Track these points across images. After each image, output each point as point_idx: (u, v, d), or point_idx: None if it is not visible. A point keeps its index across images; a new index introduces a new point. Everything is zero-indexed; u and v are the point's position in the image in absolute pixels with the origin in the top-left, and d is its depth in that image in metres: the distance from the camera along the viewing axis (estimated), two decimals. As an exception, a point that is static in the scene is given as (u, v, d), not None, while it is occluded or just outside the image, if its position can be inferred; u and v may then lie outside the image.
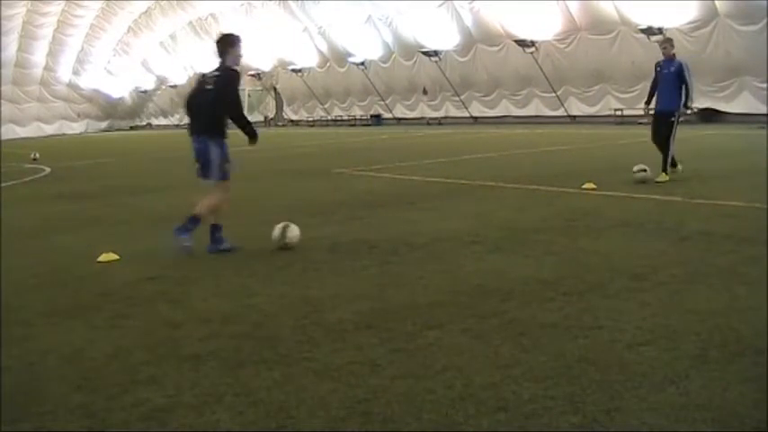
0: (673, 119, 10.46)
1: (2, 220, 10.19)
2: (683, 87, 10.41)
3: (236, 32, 7.52)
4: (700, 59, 24.91)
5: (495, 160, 16.04)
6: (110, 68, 61.56)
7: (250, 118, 7.77)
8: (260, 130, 7.82)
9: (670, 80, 10.50)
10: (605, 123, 28.05)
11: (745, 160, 12.75)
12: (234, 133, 7.35)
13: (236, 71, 7.23)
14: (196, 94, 7.28)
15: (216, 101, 7.01)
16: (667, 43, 11.05)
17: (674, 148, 10.56)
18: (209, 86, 7.13)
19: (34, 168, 21.08)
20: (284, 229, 7.27)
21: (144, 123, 65.25)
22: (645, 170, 10.46)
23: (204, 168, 7.28)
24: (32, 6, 52.18)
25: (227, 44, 7.19)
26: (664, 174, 10.42)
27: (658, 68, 10.76)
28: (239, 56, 7.24)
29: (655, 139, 10.75)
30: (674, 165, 10.64)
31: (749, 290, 4.91)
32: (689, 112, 10.79)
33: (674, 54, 10.77)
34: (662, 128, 10.58)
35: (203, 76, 7.31)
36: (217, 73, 7.14)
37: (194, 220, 7.27)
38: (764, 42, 23.21)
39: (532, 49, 31.10)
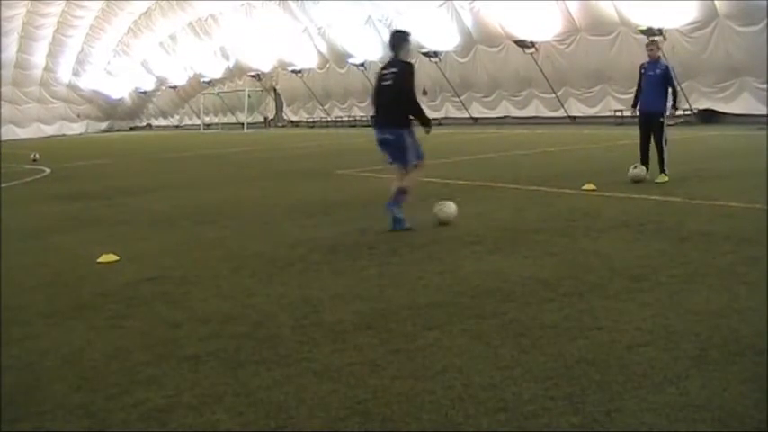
0: (661, 119, 10.44)
1: (2, 221, 10.20)
2: (669, 90, 10.44)
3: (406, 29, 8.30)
4: (700, 60, 24.98)
5: (495, 161, 16.04)
6: (110, 69, 61.53)
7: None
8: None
9: (655, 82, 10.49)
10: (605, 124, 28.02)
11: (745, 161, 12.74)
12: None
13: (411, 64, 7.88)
14: (378, 89, 7.87)
15: (398, 95, 7.60)
16: (654, 45, 10.93)
17: (667, 150, 10.51)
18: (387, 82, 7.72)
19: (34, 169, 21.08)
20: (441, 208, 8.01)
21: (144, 124, 65.26)
22: (636, 166, 10.49)
23: (401, 154, 7.82)
24: (32, 7, 52.15)
25: (402, 39, 7.84)
26: (663, 174, 10.41)
27: (643, 70, 10.71)
28: (410, 50, 7.90)
29: (644, 143, 10.66)
30: (645, 162, 10.62)
31: (749, 290, 4.91)
32: (677, 113, 10.71)
33: (659, 56, 10.77)
34: (652, 130, 10.54)
35: (381, 72, 7.93)
36: (394, 69, 7.71)
37: (401, 193, 7.81)
38: (764, 43, 23.18)
39: (532, 49, 31.08)
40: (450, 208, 8.09)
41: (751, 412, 3.13)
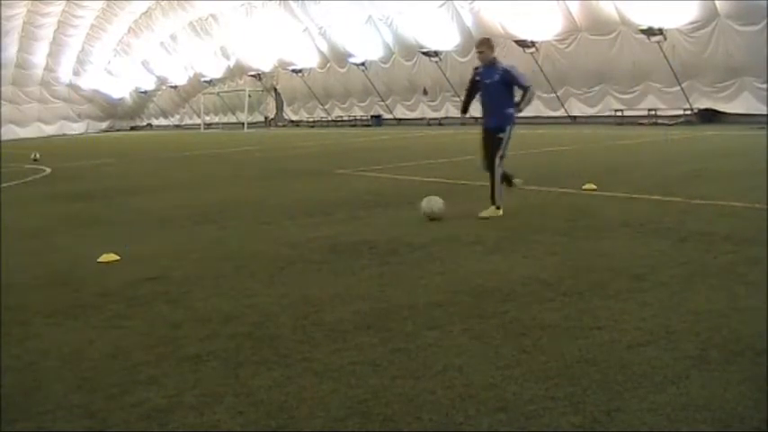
0: (502, 135, 8.43)
1: (2, 220, 10.19)
2: (521, 94, 8.50)
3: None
4: (700, 60, 25.02)
5: (496, 161, 16.00)
6: (110, 69, 61.55)
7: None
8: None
9: (495, 91, 8.43)
10: (606, 124, 28.04)
11: (745, 160, 12.74)
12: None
13: None
14: None
15: None
16: (484, 46, 8.48)
17: (502, 165, 8.50)
18: None
19: (35, 169, 21.08)
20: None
21: (144, 124, 65.29)
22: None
23: None
24: (33, 7, 52.16)
25: None
26: (494, 207, 8.32)
27: (478, 78, 8.54)
28: None
29: (485, 165, 8.64)
30: (509, 183, 8.71)
31: (749, 290, 4.91)
32: (518, 114, 8.62)
33: (494, 58, 8.47)
34: (490, 147, 8.53)
35: None
36: None
37: None
38: (764, 43, 23.20)
39: (533, 49, 31.09)
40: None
41: (751, 412, 3.13)
